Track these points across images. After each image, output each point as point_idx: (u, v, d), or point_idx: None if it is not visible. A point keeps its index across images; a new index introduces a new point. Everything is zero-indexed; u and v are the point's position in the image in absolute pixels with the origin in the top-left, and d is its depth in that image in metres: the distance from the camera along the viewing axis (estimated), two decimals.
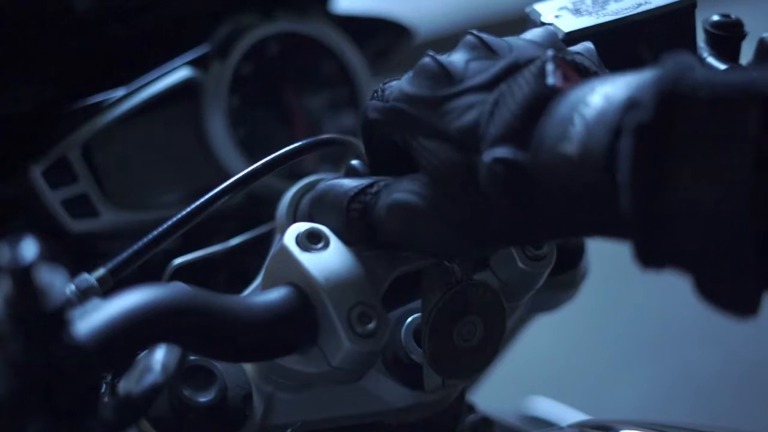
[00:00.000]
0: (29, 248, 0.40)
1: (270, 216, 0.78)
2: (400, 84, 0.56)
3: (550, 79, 0.49)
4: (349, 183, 0.58)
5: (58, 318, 0.41)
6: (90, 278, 0.55)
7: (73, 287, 0.54)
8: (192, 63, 0.87)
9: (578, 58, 0.53)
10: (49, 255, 0.41)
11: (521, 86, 0.51)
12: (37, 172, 0.80)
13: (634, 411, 1.94)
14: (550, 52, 0.51)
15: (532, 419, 1.06)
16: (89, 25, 0.86)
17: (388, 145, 0.58)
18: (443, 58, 0.55)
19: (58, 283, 0.41)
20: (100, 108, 0.82)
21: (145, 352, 0.51)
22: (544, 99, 0.49)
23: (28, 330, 0.40)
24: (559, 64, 0.51)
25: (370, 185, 0.57)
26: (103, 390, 0.51)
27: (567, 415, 1.06)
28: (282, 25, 0.92)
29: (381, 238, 0.57)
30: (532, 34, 0.57)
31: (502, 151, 0.49)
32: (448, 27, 2.89)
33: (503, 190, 0.49)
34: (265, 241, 0.78)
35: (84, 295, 0.54)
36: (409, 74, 0.56)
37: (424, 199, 0.53)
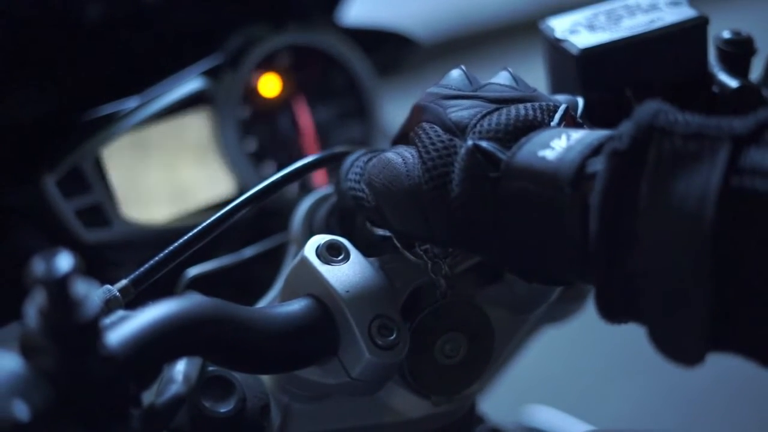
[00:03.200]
0: (64, 261, 0.41)
1: (278, 226, 0.79)
2: (429, 88, 0.60)
3: (555, 122, 0.53)
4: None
5: (91, 330, 0.42)
6: (113, 290, 0.55)
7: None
8: (204, 74, 0.87)
9: (584, 123, 0.57)
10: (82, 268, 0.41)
11: (524, 110, 0.55)
12: (50, 182, 0.80)
13: (625, 422, 1.95)
14: (566, 106, 0.55)
15: (534, 430, 1.06)
16: (101, 35, 0.87)
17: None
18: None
19: (91, 295, 0.41)
20: (113, 118, 0.83)
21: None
22: (538, 125, 0.53)
23: (63, 342, 0.41)
24: (568, 115, 0.55)
25: (381, 149, 0.61)
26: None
27: (569, 425, 1.06)
28: (292, 37, 0.93)
29: (364, 193, 0.59)
30: (562, 96, 0.61)
31: (484, 142, 0.52)
32: (440, 34, 2.91)
33: (474, 177, 0.52)
34: (277, 252, 0.79)
35: (107, 306, 0.54)
36: (440, 81, 0.60)
37: (404, 163, 0.56)
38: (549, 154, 0.49)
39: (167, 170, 0.87)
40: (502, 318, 0.64)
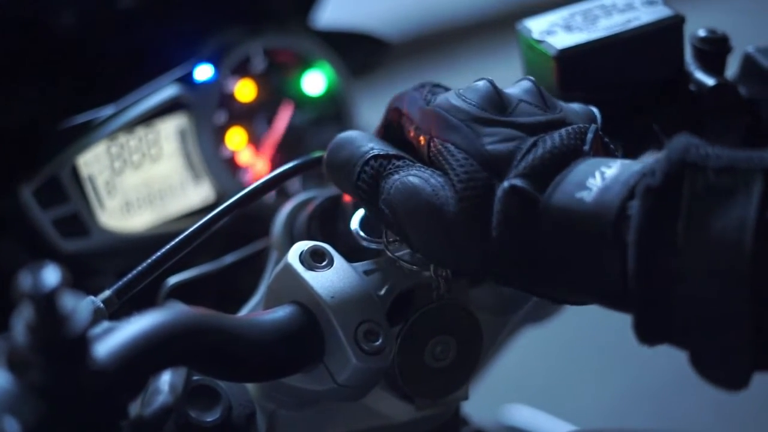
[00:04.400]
0: (51, 275, 0.40)
1: (256, 232, 0.79)
2: (448, 95, 0.58)
3: (587, 146, 0.53)
4: (375, 144, 0.59)
5: (81, 344, 0.41)
6: (97, 301, 0.55)
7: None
8: (179, 80, 0.87)
9: (611, 142, 0.57)
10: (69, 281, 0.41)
11: (559, 139, 0.54)
12: (27, 192, 0.79)
13: (596, 416, 1.96)
14: (594, 126, 0.55)
15: (515, 429, 1.06)
16: (75, 43, 0.86)
17: (401, 139, 0.60)
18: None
19: (80, 308, 0.41)
20: (89, 126, 0.82)
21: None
22: (572, 155, 0.53)
23: (52, 357, 0.40)
24: (597, 137, 0.54)
25: (396, 156, 0.58)
26: None
27: (551, 425, 1.06)
28: (267, 41, 0.92)
29: (377, 208, 0.57)
30: (577, 105, 0.60)
31: (521, 182, 0.51)
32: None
33: (512, 218, 0.51)
34: (257, 258, 0.79)
35: (92, 318, 0.54)
36: (460, 90, 0.58)
37: (435, 194, 0.54)
38: (586, 197, 0.49)
39: (144, 177, 0.86)
40: (485, 320, 0.65)
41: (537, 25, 0.71)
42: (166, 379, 0.54)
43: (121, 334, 0.45)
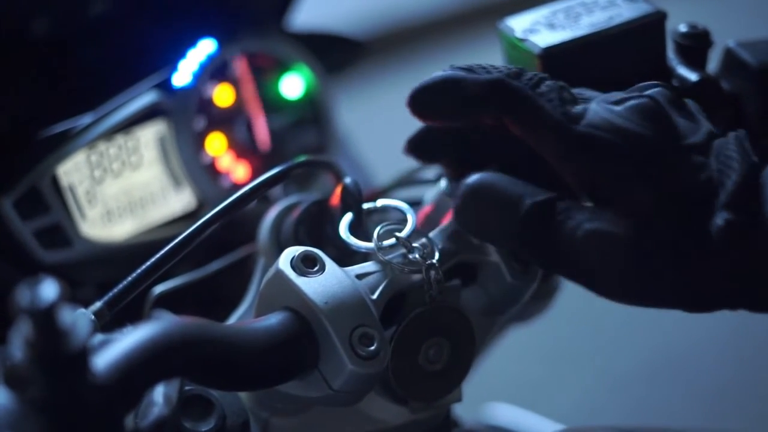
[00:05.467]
0: (50, 289, 0.40)
1: (238, 238, 0.78)
2: (607, 114, 0.55)
3: (754, 157, 0.53)
4: (524, 189, 0.56)
5: (81, 358, 0.41)
6: (88, 313, 0.54)
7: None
8: (158, 86, 0.86)
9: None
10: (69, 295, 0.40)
11: (734, 159, 0.53)
12: (7, 204, 0.78)
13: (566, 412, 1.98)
14: (739, 133, 0.55)
15: (499, 429, 1.06)
16: (49, 50, 0.85)
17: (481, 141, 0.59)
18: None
19: (79, 323, 0.40)
20: (68, 135, 0.81)
21: None
22: (756, 171, 0.52)
23: (53, 373, 0.40)
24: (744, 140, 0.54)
25: (558, 198, 0.55)
26: None
27: (536, 424, 1.06)
28: (244, 45, 0.92)
29: (560, 260, 0.55)
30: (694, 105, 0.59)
31: (734, 215, 0.51)
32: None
33: (732, 249, 0.51)
34: (240, 265, 0.78)
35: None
36: (619, 108, 0.56)
37: (628, 237, 0.52)
38: None
39: (125, 186, 0.85)
40: (474, 321, 0.64)
41: (519, 24, 0.71)
42: (160, 391, 0.54)
43: (118, 348, 0.44)
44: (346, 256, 0.64)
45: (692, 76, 0.72)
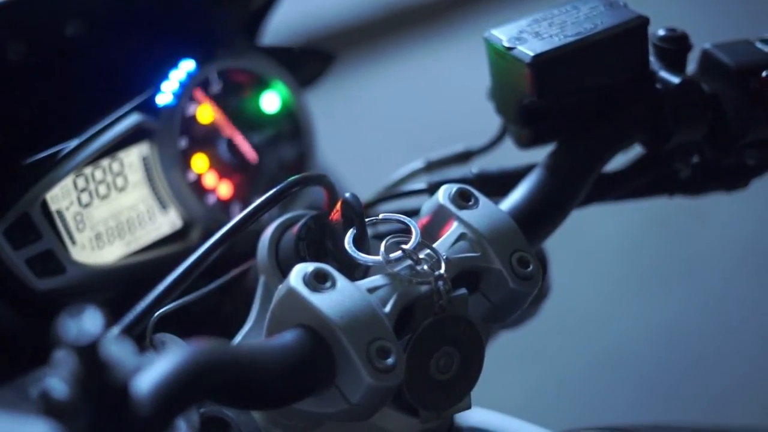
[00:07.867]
0: (94, 321, 0.40)
1: (236, 257, 0.78)
2: None
3: None
4: None
5: (125, 390, 0.41)
6: (130, 343, 0.54)
7: None
8: (140, 107, 0.86)
9: None
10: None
11: None
12: None
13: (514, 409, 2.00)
14: None
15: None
16: (26, 77, 0.85)
17: None
18: None
19: (125, 354, 0.41)
20: (54, 161, 0.81)
21: None
22: None
23: (99, 406, 0.40)
24: None
25: None
26: None
27: (512, 425, 1.06)
28: (221, 63, 0.92)
29: None
30: None
31: None
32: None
33: None
34: (237, 282, 0.78)
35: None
36: None
37: None
38: None
39: (112, 209, 0.85)
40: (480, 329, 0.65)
41: (505, 33, 0.72)
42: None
43: (155, 376, 0.45)
44: (346, 270, 0.65)
45: (674, 79, 0.74)
